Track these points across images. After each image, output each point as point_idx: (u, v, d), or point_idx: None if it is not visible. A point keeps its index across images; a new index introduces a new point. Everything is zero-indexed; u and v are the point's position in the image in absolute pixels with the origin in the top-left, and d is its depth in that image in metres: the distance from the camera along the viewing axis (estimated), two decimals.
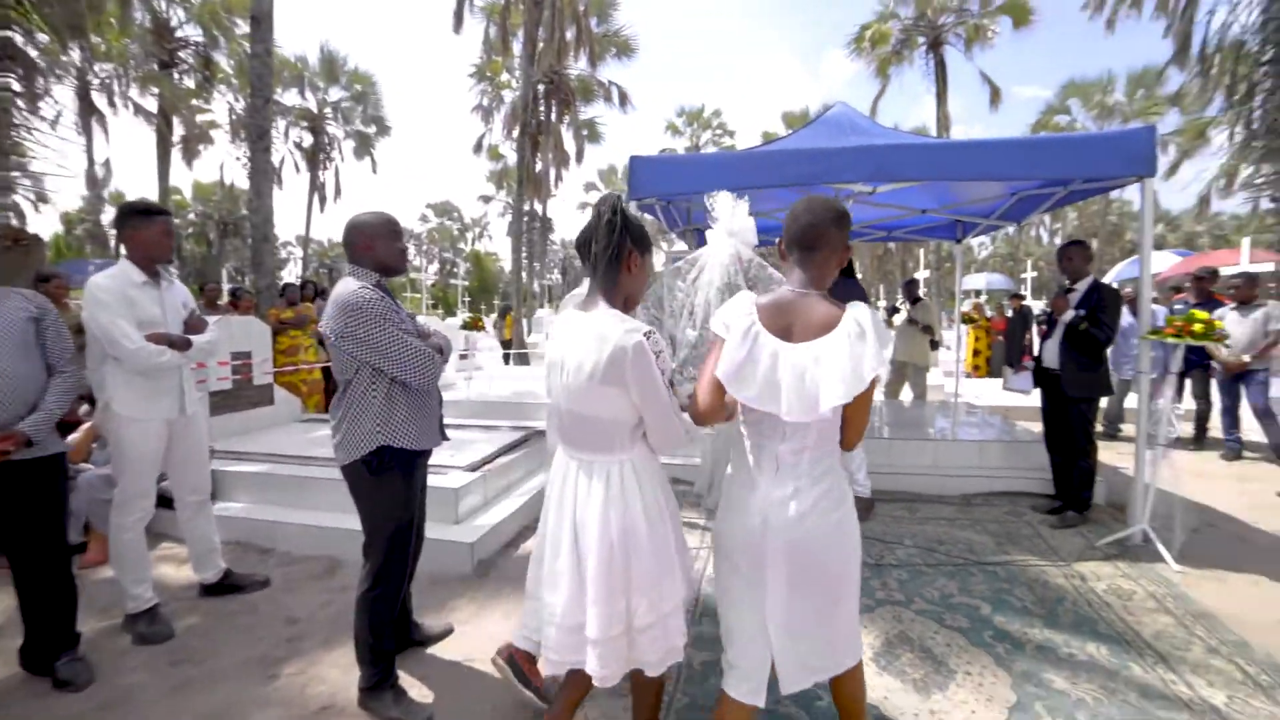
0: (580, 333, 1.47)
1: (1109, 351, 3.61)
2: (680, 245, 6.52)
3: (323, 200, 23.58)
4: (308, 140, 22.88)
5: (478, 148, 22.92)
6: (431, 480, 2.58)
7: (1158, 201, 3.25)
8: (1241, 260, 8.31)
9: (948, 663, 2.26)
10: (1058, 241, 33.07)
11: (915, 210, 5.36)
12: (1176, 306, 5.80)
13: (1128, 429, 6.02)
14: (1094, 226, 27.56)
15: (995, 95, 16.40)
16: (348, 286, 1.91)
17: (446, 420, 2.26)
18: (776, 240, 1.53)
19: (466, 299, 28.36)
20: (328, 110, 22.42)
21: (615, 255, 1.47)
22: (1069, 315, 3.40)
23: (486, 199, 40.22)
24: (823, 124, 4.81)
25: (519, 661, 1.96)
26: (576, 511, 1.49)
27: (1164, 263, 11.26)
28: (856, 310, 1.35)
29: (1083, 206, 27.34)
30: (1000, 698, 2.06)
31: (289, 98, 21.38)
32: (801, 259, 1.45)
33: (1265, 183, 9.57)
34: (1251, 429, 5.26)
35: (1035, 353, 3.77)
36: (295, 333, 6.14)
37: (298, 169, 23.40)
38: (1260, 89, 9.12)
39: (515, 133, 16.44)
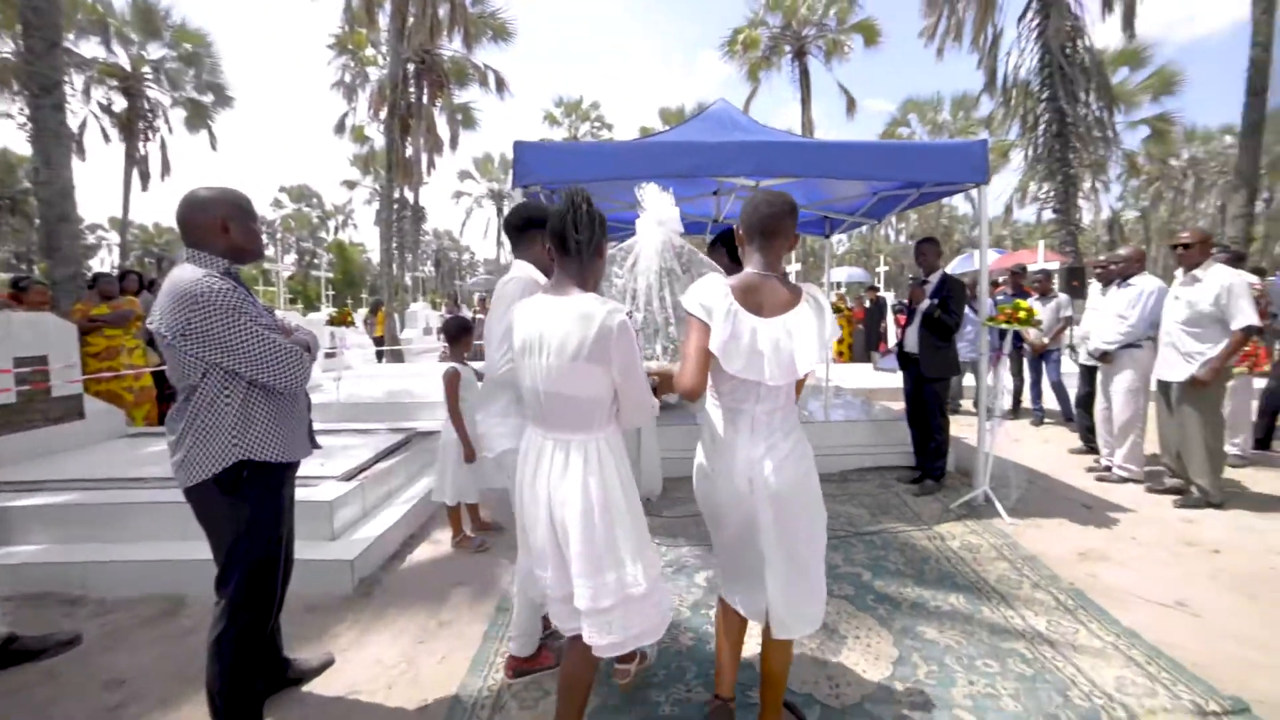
0: (559, 315, 1.51)
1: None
2: None
3: (145, 177, 19.99)
4: (120, 104, 19.28)
5: (340, 128, 20.76)
6: (300, 494, 2.27)
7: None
8: (1039, 259, 9.91)
9: (839, 629, 2.43)
10: (903, 240, 37.43)
11: (801, 205, 5.71)
12: (999, 298, 6.78)
13: (964, 404, 6.94)
14: (930, 228, 31.46)
15: (851, 105, 18.09)
16: (187, 275, 1.60)
17: (315, 426, 1.99)
18: (707, 230, 1.65)
19: (330, 293, 25.81)
20: (146, 70, 19.03)
21: (595, 244, 1.57)
22: (925, 304, 3.82)
23: (351, 184, 36.82)
24: (704, 119, 4.94)
25: (523, 666, 2.10)
26: (551, 490, 1.53)
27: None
28: (810, 289, 1.63)
29: (922, 210, 31.13)
30: (885, 654, 2.25)
31: (89, 48, 17.77)
32: (762, 245, 1.64)
33: (1046, 197, 11.58)
34: (1050, 399, 6.31)
35: (889, 339, 4.20)
36: (113, 332, 5.15)
37: (107, 138, 19.63)
38: (1040, 121, 11.00)
39: (383, 114, 15.16)
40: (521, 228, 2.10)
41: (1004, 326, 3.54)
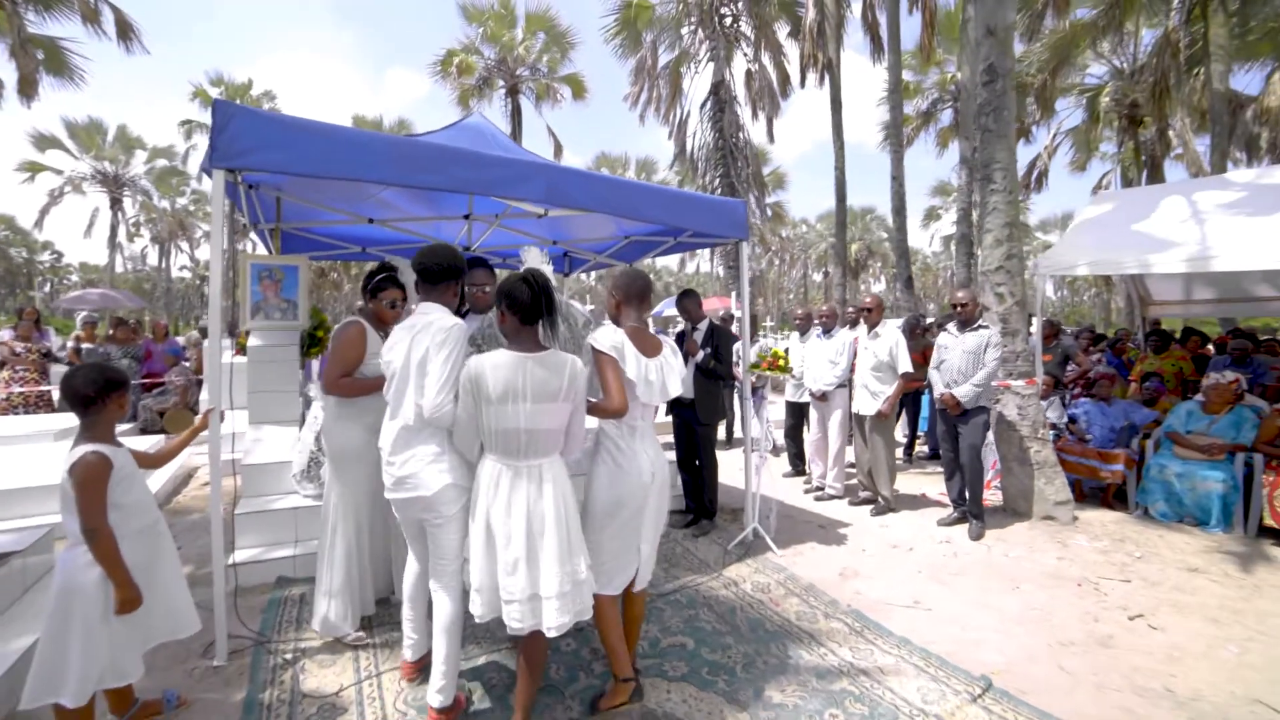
0: (536, 367, 1.95)
1: None
2: (262, 249, 4.79)
3: None
4: None
5: None
6: None
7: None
8: (732, 304, 11.83)
9: None
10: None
11: (547, 240, 5.43)
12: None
13: None
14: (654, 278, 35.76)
15: (558, 150, 19.06)
16: None
17: None
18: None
19: None
20: None
21: (555, 319, 2.06)
22: (700, 356, 3.95)
23: None
24: (461, 131, 4.31)
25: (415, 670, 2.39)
26: (531, 504, 1.94)
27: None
28: (666, 339, 2.40)
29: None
30: None
31: None
32: (639, 306, 2.34)
33: (724, 254, 14.16)
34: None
35: None
36: None
37: None
38: (714, 190, 13.53)
39: None
40: (440, 276, 2.25)
41: (766, 373, 3.88)
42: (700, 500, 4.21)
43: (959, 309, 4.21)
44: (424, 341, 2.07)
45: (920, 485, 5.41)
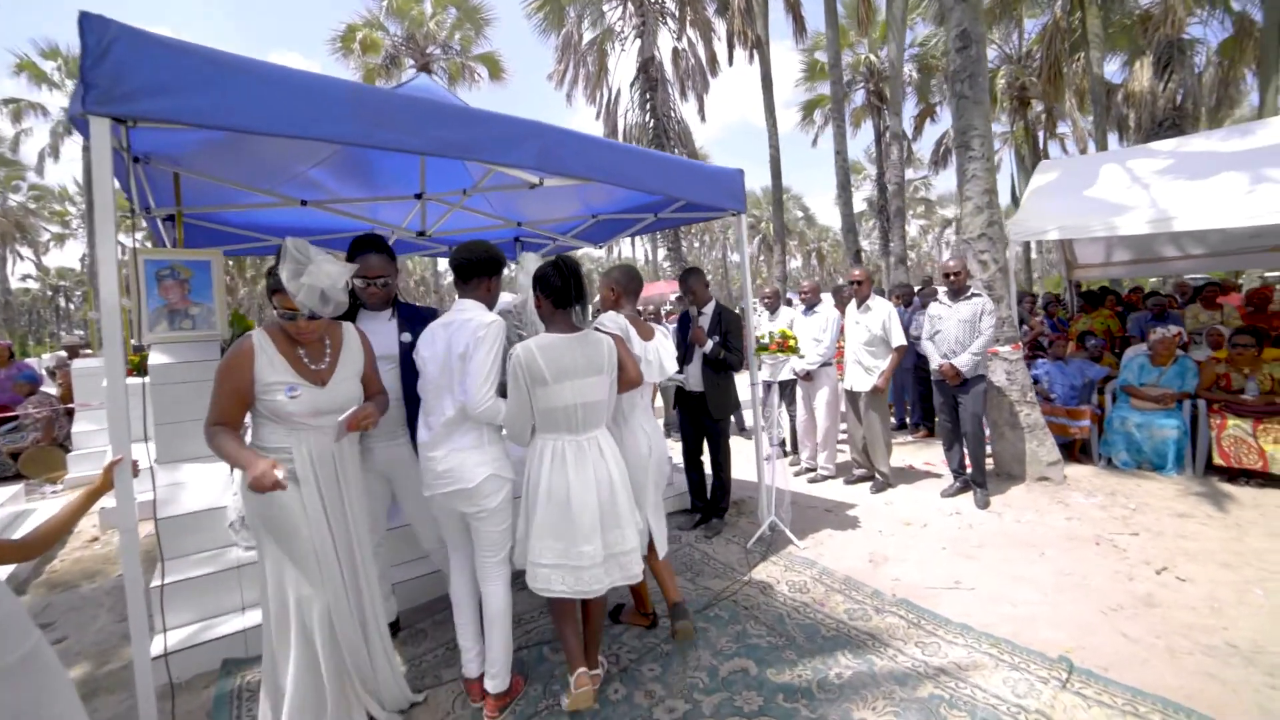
0: (580, 348, 2.12)
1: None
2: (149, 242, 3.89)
3: None
4: None
5: None
6: None
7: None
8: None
9: None
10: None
11: (504, 220, 4.87)
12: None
13: None
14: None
15: None
16: None
17: None
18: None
19: None
20: None
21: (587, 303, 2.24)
22: (709, 347, 3.59)
23: None
24: (413, 90, 3.67)
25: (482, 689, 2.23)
26: (596, 471, 2.10)
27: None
28: (659, 327, 2.76)
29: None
30: None
31: None
32: (632, 299, 2.72)
33: (664, 237, 13.91)
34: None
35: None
36: None
37: None
38: None
39: None
40: (472, 272, 2.25)
41: (779, 355, 3.60)
42: (709, 499, 3.89)
43: (951, 278, 4.15)
44: (463, 337, 2.09)
45: (901, 457, 5.40)
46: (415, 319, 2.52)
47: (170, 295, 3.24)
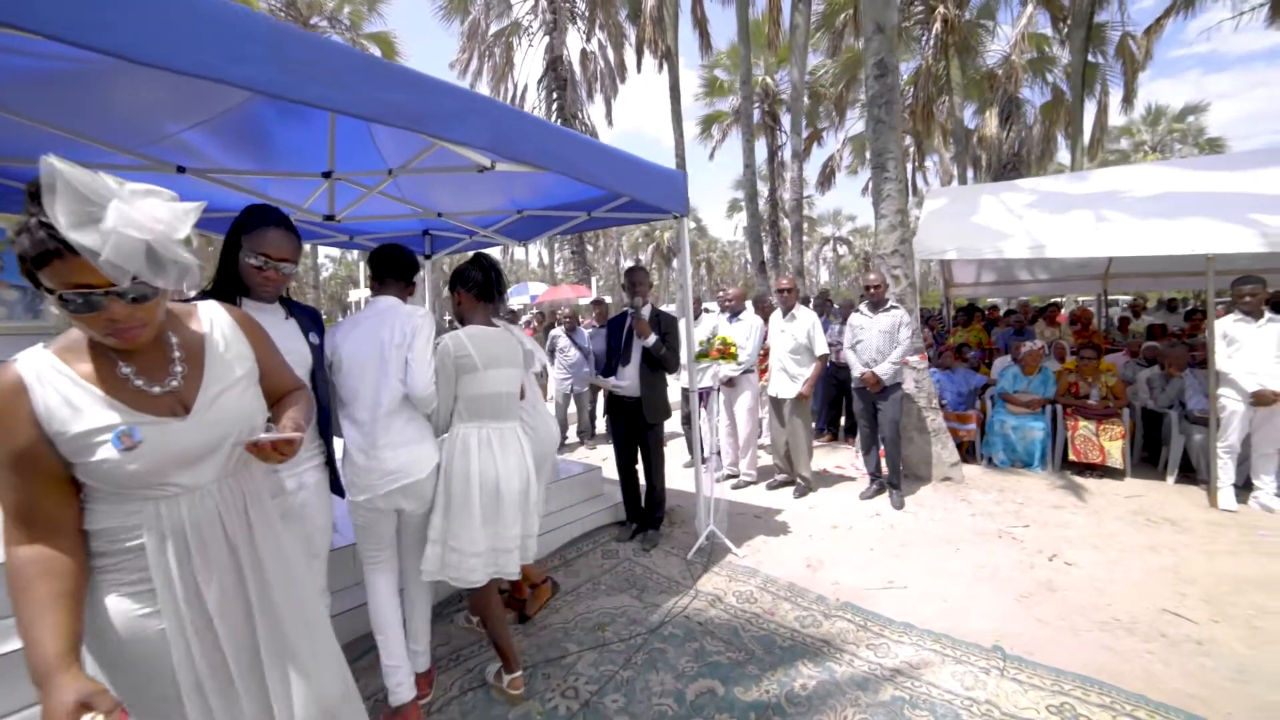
0: (502, 339, 2.26)
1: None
2: None
3: None
4: None
5: None
6: None
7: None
8: (594, 292, 11.44)
9: None
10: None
11: (418, 208, 4.42)
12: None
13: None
14: None
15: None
16: None
17: None
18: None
19: None
20: None
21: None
22: (651, 340, 3.46)
23: None
24: None
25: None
26: (516, 457, 2.20)
27: (538, 289, 14.49)
28: (513, 329, 2.59)
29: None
30: None
31: None
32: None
33: (569, 242, 13.69)
34: None
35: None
36: None
37: None
38: None
39: None
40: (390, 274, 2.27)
41: (718, 362, 3.56)
42: (643, 510, 3.77)
43: (871, 290, 4.39)
44: (400, 326, 2.07)
45: (814, 461, 5.63)
46: (310, 318, 2.05)
47: None
